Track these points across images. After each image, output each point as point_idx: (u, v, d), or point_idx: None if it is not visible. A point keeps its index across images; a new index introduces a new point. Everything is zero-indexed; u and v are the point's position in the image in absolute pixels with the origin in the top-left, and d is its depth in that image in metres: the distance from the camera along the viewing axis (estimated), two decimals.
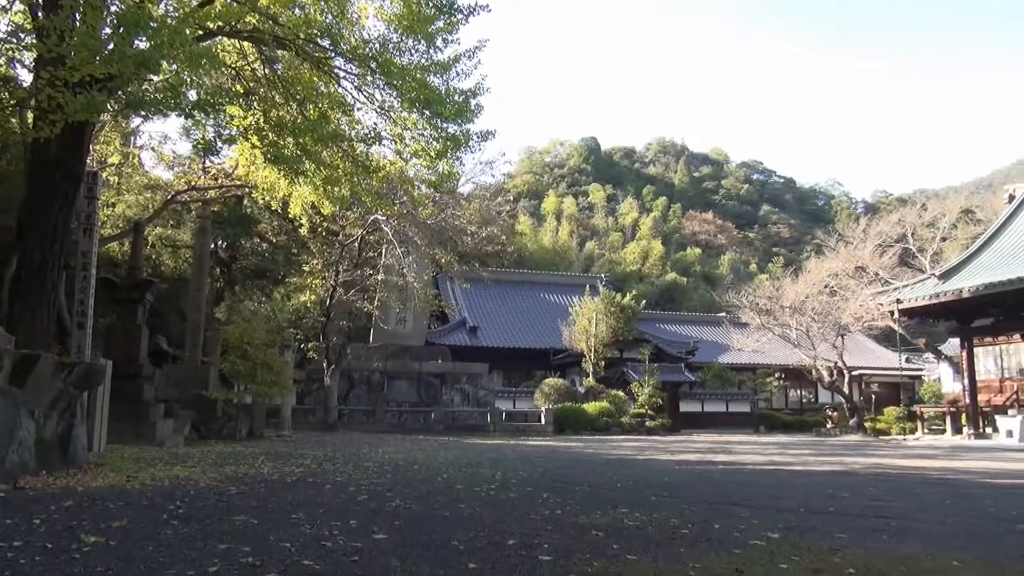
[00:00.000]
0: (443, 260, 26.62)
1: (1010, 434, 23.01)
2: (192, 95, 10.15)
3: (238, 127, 12.20)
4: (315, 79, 11.83)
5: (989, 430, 25.46)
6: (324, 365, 26.02)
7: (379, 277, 26.59)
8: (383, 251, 26.81)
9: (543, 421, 28.09)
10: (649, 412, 31.08)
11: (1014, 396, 25.78)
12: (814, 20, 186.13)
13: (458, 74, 11.94)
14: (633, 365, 35.12)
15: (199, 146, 21.02)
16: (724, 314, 44.15)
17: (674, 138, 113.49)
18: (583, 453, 15.57)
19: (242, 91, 12.04)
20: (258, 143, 11.78)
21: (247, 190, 20.62)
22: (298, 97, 11.59)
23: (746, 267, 75.69)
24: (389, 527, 4.98)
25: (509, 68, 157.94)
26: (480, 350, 37.83)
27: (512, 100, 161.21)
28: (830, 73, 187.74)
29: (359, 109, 12.33)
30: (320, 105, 11.63)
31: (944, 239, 36.74)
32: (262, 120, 11.79)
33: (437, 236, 26.31)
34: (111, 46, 8.43)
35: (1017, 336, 26.23)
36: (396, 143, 12.34)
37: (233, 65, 12.05)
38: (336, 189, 12.91)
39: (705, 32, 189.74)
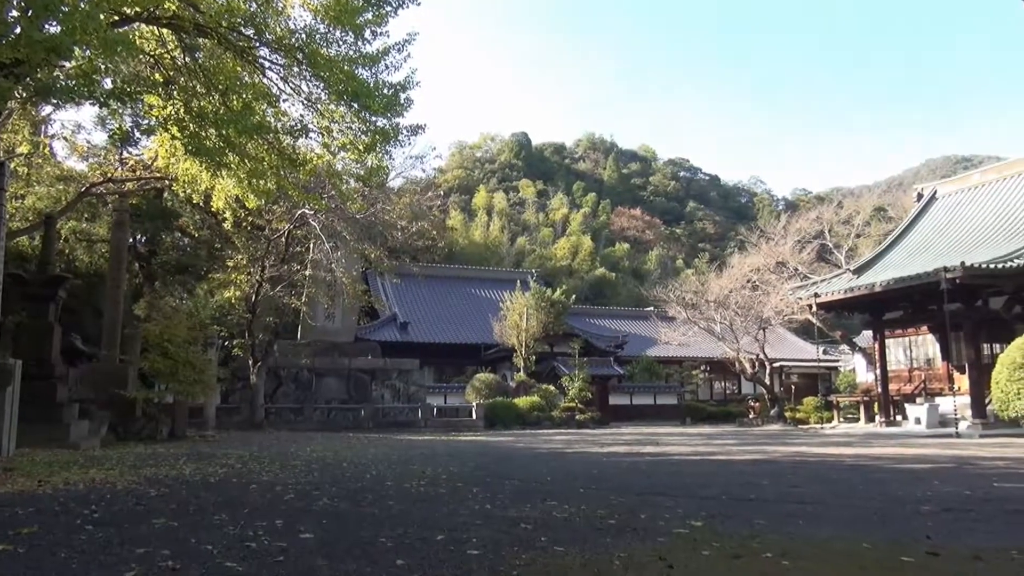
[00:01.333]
0: (373, 255, 26.28)
1: (918, 421, 24.17)
2: (107, 83, 9.75)
3: (157, 117, 11.76)
4: (239, 69, 11.50)
5: (899, 418, 26.70)
6: (250, 362, 25.39)
7: (307, 272, 26.08)
8: (311, 246, 26.29)
9: (474, 416, 28.12)
10: (579, 406, 31.45)
11: (921, 385, 27.12)
12: (735, 21, 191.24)
13: (387, 67, 11.80)
14: (563, 359, 35.50)
15: (115, 136, 20.19)
16: (652, 308, 45.09)
17: (603, 135, 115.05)
18: (514, 447, 15.66)
19: (161, 80, 11.59)
20: (178, 134, 11.38)
21: (167, 183, 19.89)
22: (221, 87, 11.24)
23: (673, 262, 77.29)
24: (316, 526, 4.91)
25: (440, 62, 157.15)
26: (411, 346, 37.60)
27: (443, 94, 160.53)
28: (751, 73, 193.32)
29: (285, 100, 12.05)
30: (244, 96, 11.31)
31: (858, 236, 38.35)
32: (183, 110, 11.40)
33: (367, 231, 25.98)
34: (18, 30, 8.01)
35: (924, 328, 27.58)
36: (324, 136, 12.12)
37: (151, 52, 11.59)
38: (261, 182, 12.58)
39: (633, 30, 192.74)
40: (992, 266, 21.84)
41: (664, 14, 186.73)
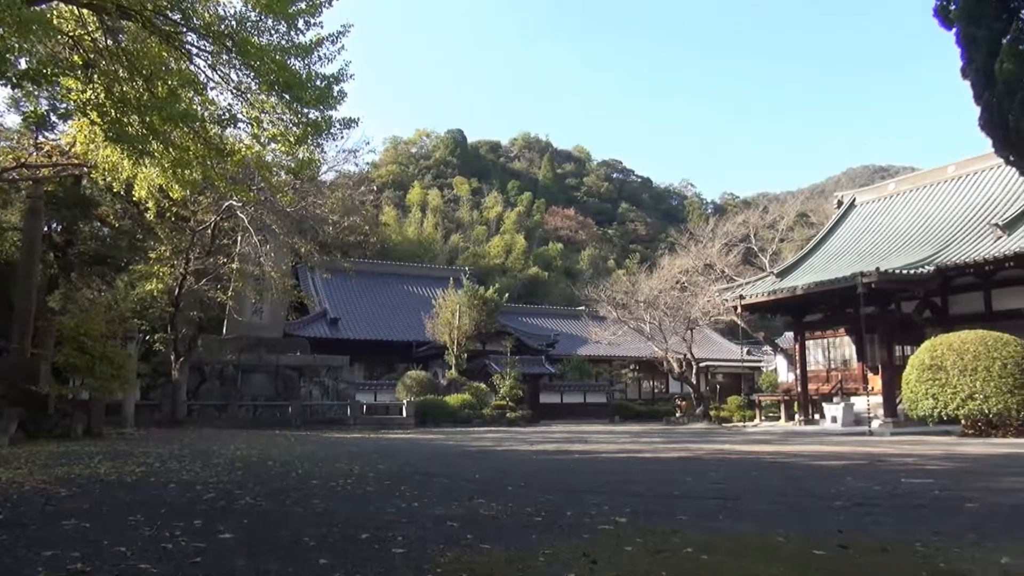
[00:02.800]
0: (303, 249, 25.77)
1: (834, 420, 25.12)
2: (21, 63, 9.29)
3: (76, 101, 11.25)
4: (164, 54, 11.09)
5: (817, 416, 27.71)
6: (172, 358, 24.60)
7: (234, 266, 25.39)
8: (239, 239, 25.63)
9: (404, 414, 27.93)
10: (510, 404, 31.59)
11: (838, 385, 28.19)
12: (668, 28, 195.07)
13: (320, 58, 11.58)
14: (495, 357, 35.58)
15: (30, 120, 19.24)
16: (583, 308, 45.62)
17: (539, 134, 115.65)
18: (444, 445, 15.62)
19: (81, 62, 11.09)
20: (99, 119, 10.91)
21: (86, 169, 19.07)
22: (145, 72, 10.82)
23: (605, 262, 78.28)
24: (237, 526, 4.80)
25: (375, 56, 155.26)
26: (341, 342, 37.09)
27: (378, 89, 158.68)
28: (684, 79, 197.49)
29: (213, 89, 11.69)
30: (170, 82, 10.92)
31: (782, 240, 39.65)
32: (103, 95, 10.93)
33: (297, 225, 25.46)
34: None
35: (842, 330, 28.69)
36: (253, 126, 11.81)
37: (70, 33, 11.09)
38: (187, 172, 12.17)
39: (567, 32, 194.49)
40: (905, 272, 22.87)
41: (597, 17, 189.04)
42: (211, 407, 25.85)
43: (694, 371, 37.27)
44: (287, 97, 11.28)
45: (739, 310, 30.45)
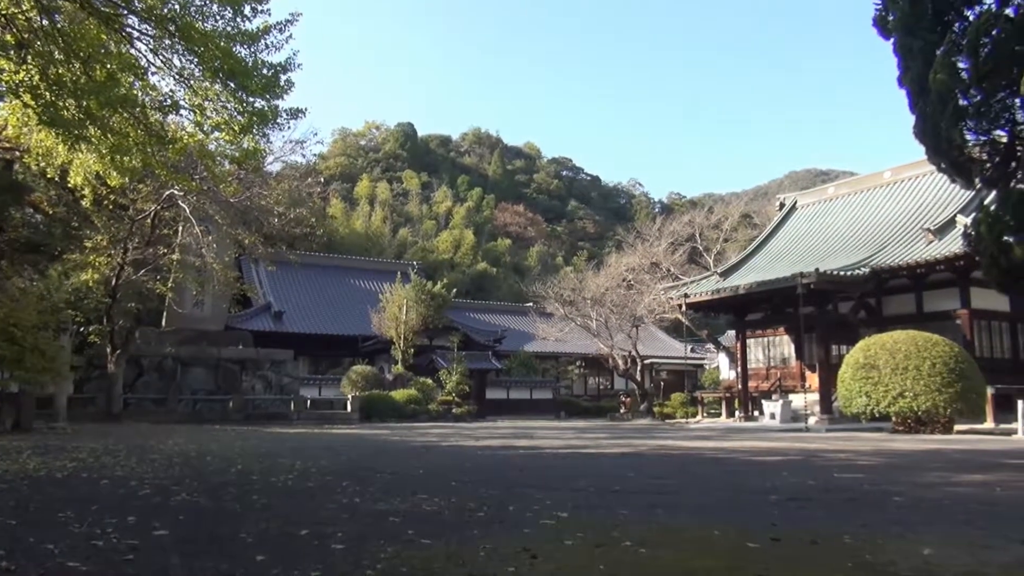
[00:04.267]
0: (247, 241, 25.25)
1: (773, 416, 25.79)
2: None
3: (7, 83, 10.79)
4: (103, 37, 10.73)
5: (757, 413, 28.40)
6: (108, 350, 23.86)
7: (175, 257, 24.74)
8: (180, 229, 24.98)
9: (349, 409, 27.65)
10: (456, 399, 31.55)
11: (777, 382, 28.95)
12: (618, 30, 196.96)
13: (268, 47, 11.36)
14: (442, 353, 35.49)
15: None
16: (531, 304, 45.80)
17: (490, 130, 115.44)
18: (388, 440, 15.53)
19: (13, 42, 10.66)
20: (32, 102, 10.50)
21: (18, 154, 18.37)
22: (83, 55, 10.45)
23: (553, 259, 78.72)
24: (172, 522, 4.70)
25: (325, 46, 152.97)
26: (285, 336, 36.53)
27: (327, 79, 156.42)
28: (634, 79, 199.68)
29: (155, 74, 11.35)
30: (108, 66, 10.57)
31: (726, 240, 40.45)
32: (38, 77, 10.52)
33: (241, 216, 24.93)
34: None
35: (781, 329, 29.44)
36: (196, 114, 11.52)
37: (3, 11, 10.66)
38: (126, 159, 11.81)
39: (519, 29, 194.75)
40: (842, 273, 23.59)
41: (547, 15, 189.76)
42: (149, 401, 25.19)
43: (639, 368, 37.80)
44: (232, 85, 11.04)
45: (684, 308, 31.01)
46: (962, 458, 11.17)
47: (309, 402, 28.28)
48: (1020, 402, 18.76)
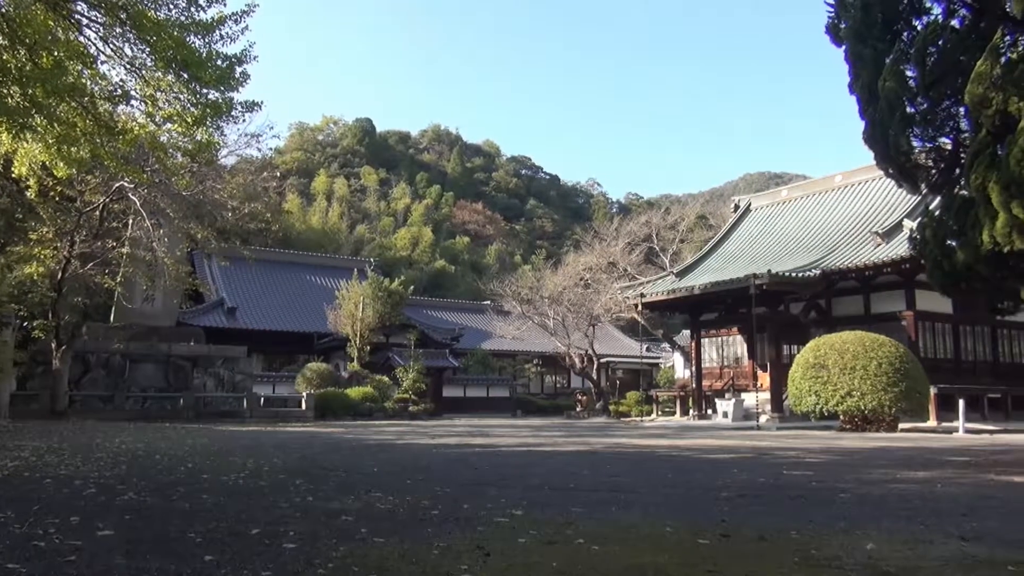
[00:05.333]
0: (199, 235, 24.70)
1: (726, 415, 26.21)
2: None
3: None
4: (51, 23, 10.41)
5: (710, 411, 28.83)
6: (53, 346, 23.17)
7: (124, 250, 24.12)
8: (130, 222, 24.36)
9: (304, 406, 27.30)
10: (413, 397, 31.39)
11: (730, 381, 29.44)
12: (576, 31, 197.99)
13: (223, 37, 11.15)
14: (399, 350, 35.29)
15: None
16: (489, 302, 45.82)
17: (449, 127, 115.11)
18: (343, 439, 15.38)
19: None
20: None
21: None
22: (28, 41, 10.13)
23: (511, 258, 78.84)
24: (118, 522, 4.59)
25: (282, 38, 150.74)
26: (239, 332, 35.91)
27: (284, 72, 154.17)
28: (592, 79, 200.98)
29: (104, 63, 11.04)
30: (56, 53, 10.25)
31: (682, 241, 40.99)
32: None
33: (194, 209, 24.37)
34: None
35: (735, 329, 29.94)
36: (147, 105, 11.24)
37: None
38: (73, 149, 11.46)
39: (480, 26, 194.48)
40: (793, 274, 24.07)
41: (507, 14, 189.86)
42: (95, 398, 24.53)
43: (595, 367, 38.05)
44: (185, 76, 10.80)
45: (640, 308, 31.32)
46: (906, 456, 11.50)
47: (263, 400, 27.85)
48: (961, 401, 19.40)
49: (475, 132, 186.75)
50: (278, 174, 40.78)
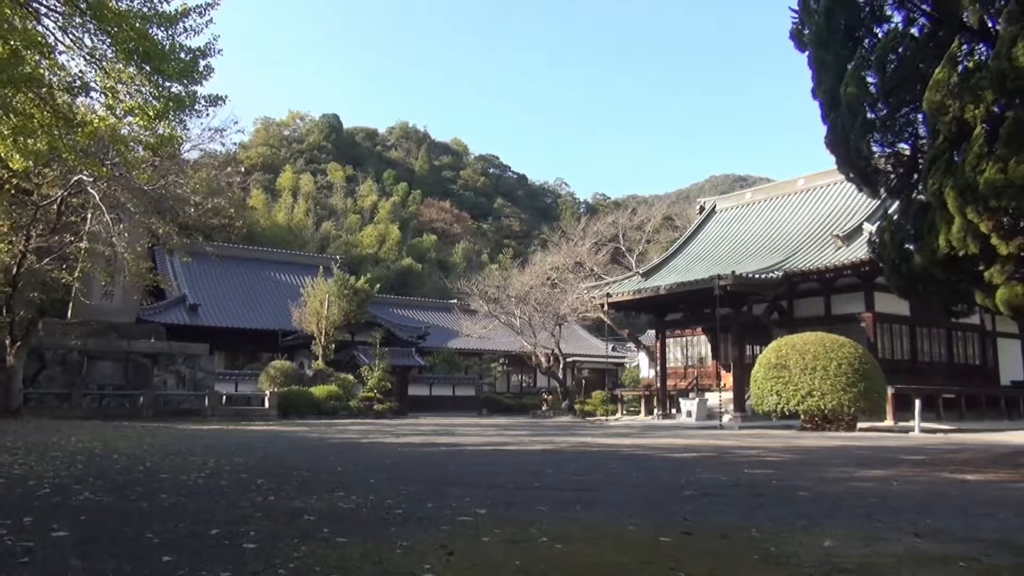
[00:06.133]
0: (161, 231, 24.25)
1: (690, 414, 26.49)
2: None
3: None
4: (8, 11, 10.16)
5: (674, 411, 29.11)
6: (7, 342, 22.59)
7: (82, 245, 23.59)
8: (89, 216, 23.83)
9: (267, 405, 27.01)
10: (378, 395, 31.23)
11: (695, 381, 29.76)
12: (546, 30, 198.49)
13: (186, 30, 11.00)
14: (364, 348, 35.07)
15: None
16: (455, 301, 45.78)
17: (417, 124, 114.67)
18: (306, 437, 15.24)
19: None
20: None
21: None
22: None
23: (479, 257, 78.77)
24: (73, 522, 4.49)
25: (247, 31, 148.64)
26: (201, 329, 35.40)
27: (250, 66, 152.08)
28: (560, 79, 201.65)
29: (63, 53, 10.83)
30: (12, 42, 10.00)
31: (649, 241, 41.33)
32: None
33: (155, 204, 23.93)
34: None
35: (699, 329, 30.27)
36: (108, 97, 11.04)
37: None
38: (30, 141, 11.20)
39: (449, 24, 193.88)
40: (757, 276, 24.41)
41: (475, 12, 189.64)
42: (52, 396, 24.00)
43: (561, 366, 38.23)
44: (147, 68, 10.63)
45: (606, 308, 31.49)
46: (864, 454, 11.73)
47: (225, 398, 27.49)
48: (917, 401, 19.84)
49: (443, 130, 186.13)
50: (242, 169, 40.31)
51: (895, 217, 11.20)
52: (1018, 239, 8.44)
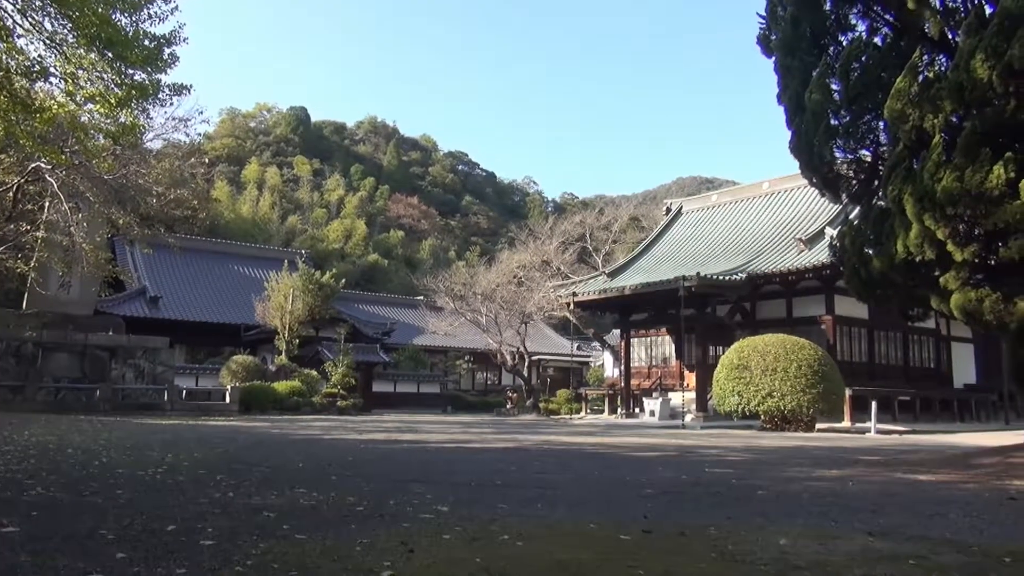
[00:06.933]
0: (121, 221, 23.76)
1: (653, 413, 26.72)
2: None
3: None
4: None
5: (638, 410, 29.34)
6: None
7: (39, 234, 23.03)
8: (46, 205, 23.28)
9: (228, 400, 26.64)
10: (341, 392, 30.97)
11: (658, 381, 30.03)
12: (515, 29, 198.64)
13: (151, 16, 10.81)
14: (328, 344, 34.77)
15: None
16: (422, 297, 45.58)
17: (386, 119, 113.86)
18: (268, 433, 15.07)
19: None
20: None
21: None
22: None
23: (446, 253, 78.51)
24: (24, 518, 4.39)
25: (214, 20, 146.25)
26: (161, 323, 34.80)
27: (216, 55, 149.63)
28: (530, 77, 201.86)
29: (21, 37, 10.55)
30: None
31: (615, 242, 41.60)
32: None
33: (116, 194, 23.42)
34: None
35: (664, 330, 30.55)
36: (68, 83, 10.79)
37: None
38: None
39: (420, 19, 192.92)
40: (720, 277, 24.69)
41: (446, 9, 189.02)
42: (4, 388, 23.37)
43: (526, 364, 38.28)
44: (109, 55, 10.41)
45: (572, 307, 31.63)
46: (821, 454, 11.95)
47: (185, 392, 27.05)
48: (873, 403, 20.26)
49: (413, 126, 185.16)
50: (207, 160, 39.65)
51: (856, 222, 11.41)
52: (972, 246, 8.66)
